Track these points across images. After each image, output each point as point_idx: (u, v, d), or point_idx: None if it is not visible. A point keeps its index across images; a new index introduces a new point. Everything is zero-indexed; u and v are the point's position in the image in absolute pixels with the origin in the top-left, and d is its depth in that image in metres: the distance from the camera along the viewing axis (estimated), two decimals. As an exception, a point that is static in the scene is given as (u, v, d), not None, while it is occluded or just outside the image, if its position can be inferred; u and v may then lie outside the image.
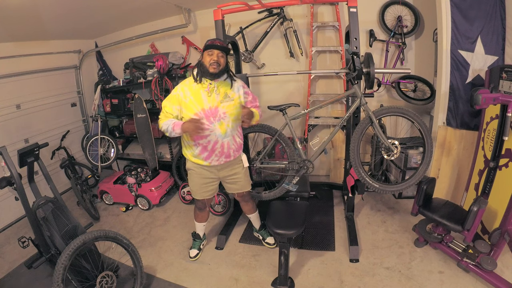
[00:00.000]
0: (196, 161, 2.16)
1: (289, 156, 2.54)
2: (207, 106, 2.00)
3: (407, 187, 2.35)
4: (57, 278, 1.71)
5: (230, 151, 2.13)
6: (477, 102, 1.93)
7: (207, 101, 2.00)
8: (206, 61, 1.97)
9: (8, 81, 3.27)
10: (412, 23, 3.20)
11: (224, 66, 2.00)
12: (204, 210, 2.47)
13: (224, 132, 2.06)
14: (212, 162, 2.12)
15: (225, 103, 2.03)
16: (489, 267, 1.96)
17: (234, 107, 2.07)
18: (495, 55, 2.56)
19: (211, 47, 1.95)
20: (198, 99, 2.00)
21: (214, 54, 1.96)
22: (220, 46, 1.96)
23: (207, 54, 1.97)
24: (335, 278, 2.22)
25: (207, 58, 1.96)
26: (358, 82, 2.32)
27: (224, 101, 2.03)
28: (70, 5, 2.82)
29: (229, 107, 2.05)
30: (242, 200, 2.49)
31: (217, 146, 2.07)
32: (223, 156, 2.12)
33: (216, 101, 2.01)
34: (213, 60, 1.94)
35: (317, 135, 3.77)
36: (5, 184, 2.13)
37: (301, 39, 3.47)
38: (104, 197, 3.63)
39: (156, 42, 3.97)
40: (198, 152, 2.10)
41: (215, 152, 2.09)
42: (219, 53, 1.96)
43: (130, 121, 3.92)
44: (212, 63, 1.94)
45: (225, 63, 2.01)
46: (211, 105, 2.00)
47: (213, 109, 2.01)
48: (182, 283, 2.30)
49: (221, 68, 1.98)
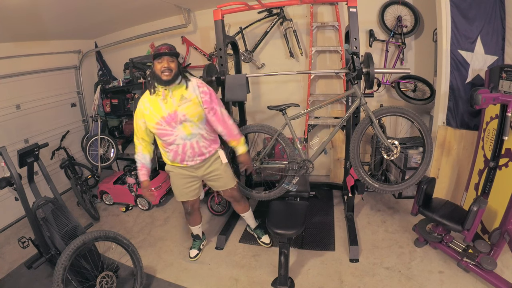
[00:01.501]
0: (173, 164, 2.18)
1: (289, 156, 2.54)
2: (165, 113, 1.98)
3: (407, 187, 2.35)
4: (57, 278, 1.71)
5: (202, 149, 2.11)
6: (477, 102, 1.93)
7: (165, 108, 1.98)
8: (157, 69, 1.92)
9: (8, 81, 3.27)
10: (412, 23, 3.20)
11: (176, 70, 1.95)
12: (192, 213, 2.45)
13: (189, 133, 2.03)
14: (188, 163, 2.12)
15: (182, 106, 1.98)
16: (489, 267, 1.96)
17: (194, 107, 2.01)
18: (494, 55, 2.56)
19: (160, 55, 1.90)
20: (157, 109, 1.99)
21: (163, 60, 1.90)
22: (168, 52, 1.91)
23: (157, 63, 1.92)
24: (335, 278, 2.22)
25: (158, 66, 1.92)
26: (358, 82, 2.32)
27: (181, 103, 1.98)
28: (70, 5, 2.82)
29: (188, 108, 1.99)
30: (233, 200, 2.47)
31: (187, 148, 2.06)
32: (196, 156, 2.10)
33: (173, 105, 1.98)
34: (164, 67, 1.90)
35: (317, 135, 3.77)
36: (5, 185, 2.13)
37: (301, 39, 3.47)
38: (104, 197, 3.63)
39: (156, 42, 3.97)
40: (172, 158, 2.11)
41: (187, 154, 2.08)
42: (168, 59, 1.92)
43: (130, 121, 3.93)
44: (163, 71, 1.91)
45: (177, 66, 1.96)
46: (170, 111, 1.98)
47: (172, 114, 1.98)
48: (182, 283, 2.30)
49: (173, 73, 1.93)
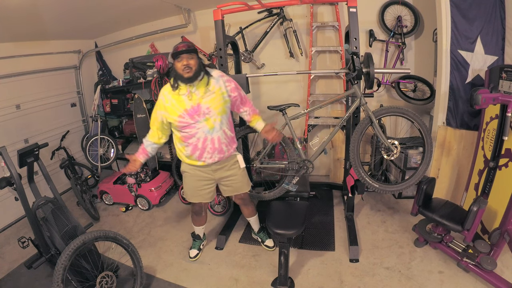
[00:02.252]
0: (190, 162, 2.13)
1: (289, 156, 2.54)
2: (189, 105, 1.99)
3: (407, 187, 2.35)
4: (57, 278, 1.71)
5: (222, 145, 2.09)
6: (476, 102, 1.93)
7: (188, 101, 1.99)
8: (178, 68, 1.94)
9: (8, 81, 3.27)
10: (412, 23, 3.21)
11: (197, 67, 1.96)
12: (200, 214, 2.45)
13: (211, 127, 2.02)
14: (206, 160, 2.08)
15: (206, 98, 1.99)
16: (489, 267, 1.96)
17: (217, 99, 2.03)
18: (494, 55, 2.57)
19: (178, 54, 1.93)
20: (180, 102, 2.00)
21: (183, 59, 1.92)
22: (186, 50, 1.93)
23: (176, 62, 1.95)
24: (335, 278, 2.22)
25: (178, 65, 1.94)
26: (358, 82, 2.32)
27: (205, 96, 1.99)
28: (70, 5, 2.82)
29: (212, 101, 2.01)
30: (242, 203, 2.47)
31: (207, 142, 2.04)
32: (216, 152, 2.08)
33: (197, 98, 1.99)
34: (184, 65, 1.92)
35: (317, 135, 3.77)
36: (5, 184, 2.12)
37: (300, 39, 3.47)
38: (104, 197, 3.63)
39: (156, 42, 3.97)
40: (190, 152, 2.07)
41: (207, 149, 2.05)
42: (187, 56, 1.92)
43: (130, 121, 3.93)
44: (184, 68, 1.92)
45: (197, 63, 1.97)
46: (193, 104, 1.98)
47: (196, 107, 1.98)
48: (182, 283, 2.30)
49: (194, 70, 1.95)
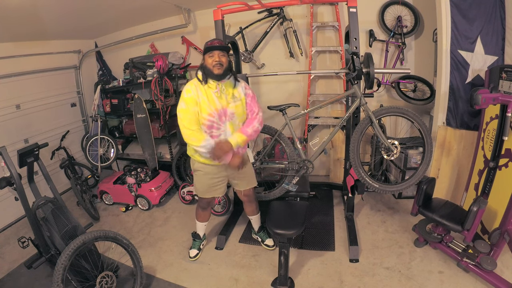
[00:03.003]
0: (204, 161, 2.14)
1: (289, 156, 2.54)
2: (219, 106, 2.00)
3: (407, 187, 2.35)
4: (57, 278, 1.71)
5: (238, 149, 2.11)
6: (476, 102, 1.93)
7: (218, 101, 2.00)
8: (208, 63, 1.96)
9: (8, 81, 3.27)
10: (412, 23, 3.20)
11: (227, 65, 1.99)
12: (206, 209, 2.47)
13: (233, 131, 2.07)
14: (221, 161, 2.10)
15: (232, 104, 2.04)
16: (489, 267, 1.96)
17: (241, 107, 2.09)
18: (494, 55, 2.57)
19: (211, 49, 1.94)
20: (211, 100, 1.99)
21: (215, 55, 1.94)
22: (219, 46, 1.95)
23: (208, 57, 1.96)
24: (335, 278, 2.22)
25: (209, 60, 1.95)
26: (358, 82, 2.32)
27: (232, 101, 2.04)
28: (70, 5, 2.82)
29: (237, 107, 2.06)
30: (248, 200, 2.46)
31: None
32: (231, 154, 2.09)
33: (225, 101, 2.02)
34: (215, 61, 1.93)
35: (317, 135, 3.77)
36: (5, 184, 2.13)
37: (301, 39, 3.47)
38: (104, 197, 3.62)
39: (156, 42, 3.97)
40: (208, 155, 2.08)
41: None
42: (219, 53, 1.95)
43: (130, 121, 3.92)
44: (215, 65, 1.94)
45: (228, 61, 2.00)
46: (222, 105, 2.01)
47: (224, 109, 2.02)
48: (182, 283, 2.30)
49: (224, 67, 1.97)
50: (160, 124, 3.65)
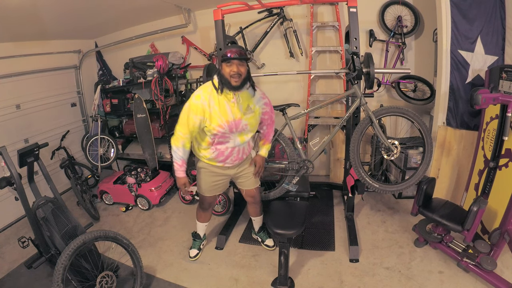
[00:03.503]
0: (209, 162, 2.15)
1: (289, 156, 2.54)
2: (231, 118, 1.91)
3: (407, 187, 2.35)
4: (57, 278, 1.71)
5: (244, 155, 2.17)
6: (477, 102, 1.93)
7: (231, 113, 1.90)
8: (226, 73, 1.81)
9: (8, 81, 3.27)
10: (412, 23, 3.21)
11: (245, 75, 1.86)
12: (208, 210, 2.47)
13: (243, 141, 2.06)
14: (226, 164, 2.14)
15: (247, 115, 1.96)
16: (489, 267, 1.96)
17: (255, 118, 2.03)
18: (495, 55, 2.57)
19: (229, 60, 1.79)
20: (223, 110, 1.88)
21: (233, 64, 1.80)
22: (238, 57, 1.79)
23: (225, 66, 1.81)
24: (335, 278, 2.22)
25: (227, 70, 1.81)
26: (358, 82, 2.32)
27: (247, 113, 1.96)
28: (70, 5, 2.82)
29: (251, 119, 2.00)
30: (253, 201, 2.44)
31: (234, 151, 2.08)
32: (237, 160, 2.15)
33: (240, 113, 1.93)
34: (233, 71, 1.79)
35: (317, 135, 3.77)
36: (5, 184, 2.13)
37: (301, 39, 3.47)
38: (104, 197, 3.62)
39: (156, 42, 3.97)
40: (214, 156, 2.08)
41: (231, 157, 2.10)
42: (238, 63, 1.80)
43: (130, 121, 3.92)
44: (233, 75, 1.80)
45: (246, 71, 1.86)
46: (235, 117, 1.92)
47: (237, 121, 1.94)
48: (182, 283, 2.30)
49: (242, 78, 1.84)
50: (160, 124, 3.65)
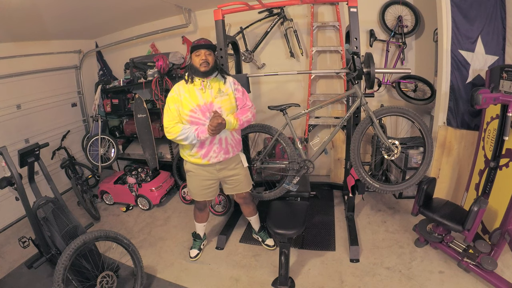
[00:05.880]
0: (194, 161, 2.14)
1: (290, 156, 2.54)
2: (202, 102, 2.02)
3: (407, 187, 2.35)
4: (57, 278, 1.72)
5: (228, 147, 2.13)
6: (477, 102, 1.92)
7: (201, 97, 2.03)
8: (195, 62, 2.02)
9: (8, 81, 3.27)
10: (413, 23, 3.20)
11: (213, 64, 2.04)
12: (204, 210, 2.47)
13: None
14: (210, 159, 2.11)
15: (219, 98, 2.05)
16: (489, 267, 1.96)
17: (229, 101, 2.09)
18: (495, 55, 2.56)
19: (198, 48, 2.00)
20: (193, 96, 2.03)
21: (201, 53, 2.00)
22: (206, 45, 2.00)
23: (195, 56, 2.02)
24: (336, 278, 2.22)
25: (196, 59, 2.01)
26: (359, 82, 2.32)
27: (218, 96, 2.06)
28: (71, 5, 2.82)
29: (224, 101, 2.07)
30: (244, 202, 2.47)
31: (215, 141, 2.07)
32: (221, 152, 2.11)
33: (210, 96, 2.04)
34: (202, 59, 1.99)
35: (318, 135, 3.77)
36: (6, 184, 2.13)
37: (301, 39, 3.47)
38: (104, 197, 3.63)
39: (156, 42, 3.97)
40: (196, 150, 2.09)
41: (213, 148, 2.08)
42: (206, 52, 2.00)
43: (130, 121, 3.93)
44: (202, 63, 1.99)
45: (214, 60, 2.06)
46: (206, 101, 2.03)
47: (208, 105, 2.03)
48: (183, 283, 2.30)
49: (210, 65, 2.02)
50: (160, 124, 3.65)
